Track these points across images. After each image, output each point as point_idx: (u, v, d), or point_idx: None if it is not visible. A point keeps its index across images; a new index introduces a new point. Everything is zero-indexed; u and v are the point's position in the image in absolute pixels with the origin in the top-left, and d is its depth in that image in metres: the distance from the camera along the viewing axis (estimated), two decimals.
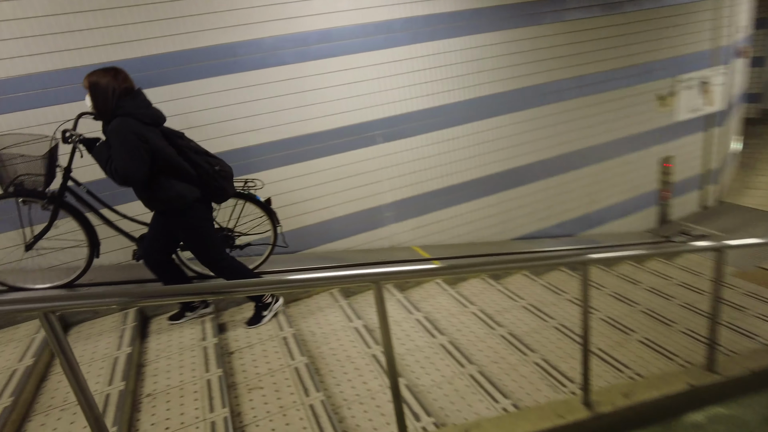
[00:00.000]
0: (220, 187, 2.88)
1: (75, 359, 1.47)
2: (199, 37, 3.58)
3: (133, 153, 2.57)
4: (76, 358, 2.58)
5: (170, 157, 2.69)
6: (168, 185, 2.73)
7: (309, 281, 1.75)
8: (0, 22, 3.13)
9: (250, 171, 3.95)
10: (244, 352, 2.93)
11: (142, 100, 2.70)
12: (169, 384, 2.57)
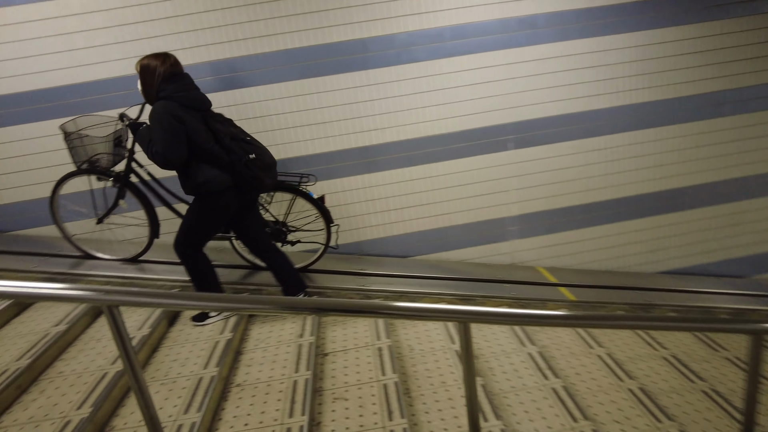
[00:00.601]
0: (254, 176, 2.75)
1: (134, 354, 1.43)
2: (330, 33, 3.56)
3: (170, 135, 2.57)
4: (185, 336, 2.68)
5: (204, 142, 2.64)
6: (198, 171, 2.69)
7: (383, 310, 1.52)
8: (126, 25, 3.44)
9: (369, 171, 3.87)
10: (338, 356, 2.82)
11: (185, 84, 2.68)
12: (259, 378, 2.55)
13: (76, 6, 3.41)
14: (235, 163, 2.71)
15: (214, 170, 2.70)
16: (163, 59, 2.66)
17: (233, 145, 2.71)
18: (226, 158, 2.70)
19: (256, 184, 2.80)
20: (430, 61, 3.70)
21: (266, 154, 2.86)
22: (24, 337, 2.68)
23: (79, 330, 2.82)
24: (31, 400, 2.27)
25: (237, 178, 2.75)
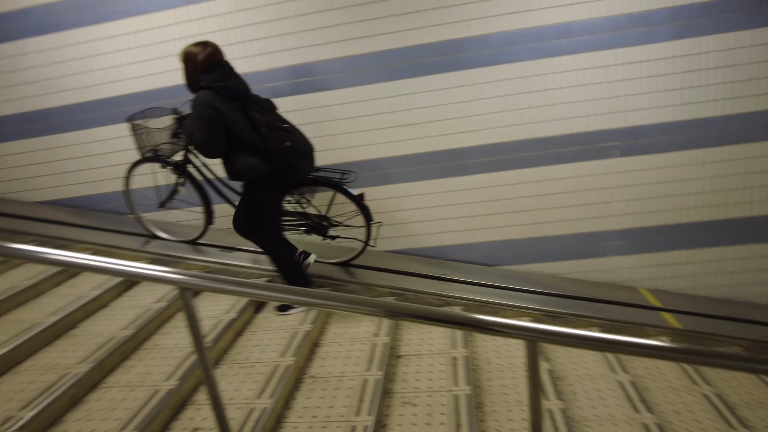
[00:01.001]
0: (288, 163, 2.74)
1: (202, 338, 1.50)
2: (424, 34, 3.54)
3: (208, 127, 2.63)
4: (268, 323, 2.80)
5: (241, 131, 2.67)
6: (237, 159, 2.73)
7: (447, 320, 1.44)
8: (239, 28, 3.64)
9: (456, 174, 3.78)
10: (411, 360, 2.78)
11: (223, 73, 2.69)
12: (331, 372, 2.59)
13: (171, 18, 3.74)
14: (270, 151, 2.72)
15: (252, 158, 2.74)
16: (203, 47, 2.71)
17: (269, 134, 2.72)
18: (262, 146, 2.72)
19: (291, 172, 2.81)
20: (528, 62, 3.53)
21: (303, 142, 2.87)
22: (132, 309, 2.97)
23: (174, 309, 3.07)
24: (131, 366, 2.51)
25: (273, 166, 2.77)
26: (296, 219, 3.50)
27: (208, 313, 2.97)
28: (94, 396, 2.29)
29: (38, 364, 2.46)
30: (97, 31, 3.90)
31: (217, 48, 2.77)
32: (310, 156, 2.92)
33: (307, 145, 2.91)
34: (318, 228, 3.49)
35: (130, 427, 2.03)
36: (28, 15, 4.01)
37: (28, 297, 3.07)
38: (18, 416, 2.03)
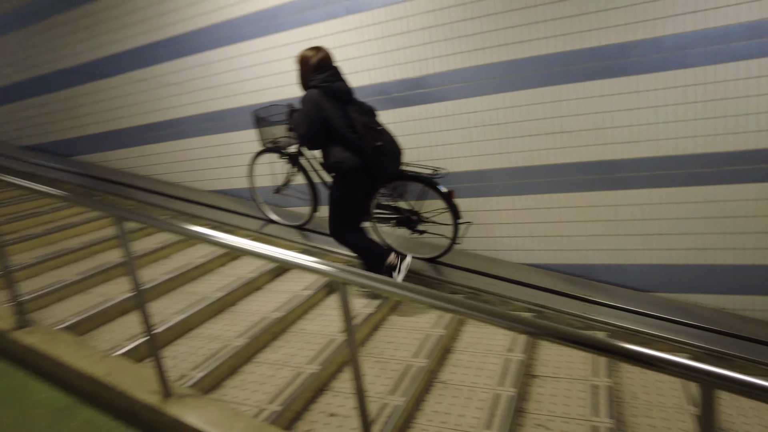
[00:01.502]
0: (378, 161, 2.99)
1: (354, 331, 1.57)
2: (583, 38, 3.32)
3: (310, 121, 2.94)
4: (402, 322, 2.86)
5: (338, 128, 2.94)
6: (331, 152, 3.00)
7: (608, 348, 1.31)
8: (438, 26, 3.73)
9: (613, 187, 3.49)
10: (547, 381, 2.64)
11: (330, 75, 2.98)
12: (463, 381, 2.56)
13: (331, 28, 3.97)
14: (363, 148, 2.96)
15: (345, 153, 2.98)
16: (316, 51, 3.04)
17: (364, 132, 2.95)
18: (356, 143, 2.97)
19: (379, 169, 3.05)
20: (707, 66, 3.12)
21: (393, 143, 3.11)
22: (282, 294, 3.25)
23: (320, 297, 3.29)
24: (279, 346, 2.74)
25: (364, 162, 3.00)
26: (388, 212, 3.68)
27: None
28: (248, 368, 2.55)
29: (206, 332, 2.82)
30: (268, 41, 4.35)
31: (328, 53, 3.09)
32: (398, 156, 3.17)
33: (396, 147, 3.16)
34: (407, 222, 3.62)
35: (276, 402, 2.22)
36: (211, 31, 4.62)
37: (200, 273, 3.53)
38: (190, 375, 2.34)
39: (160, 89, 5.10)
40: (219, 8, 4.51)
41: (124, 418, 2.07)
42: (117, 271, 3.46)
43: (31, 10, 5.84)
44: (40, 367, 2.33)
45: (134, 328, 2.75)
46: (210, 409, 1.99)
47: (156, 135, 5.32)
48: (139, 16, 5.01)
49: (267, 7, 4.27)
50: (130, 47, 5.16)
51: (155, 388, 2.06)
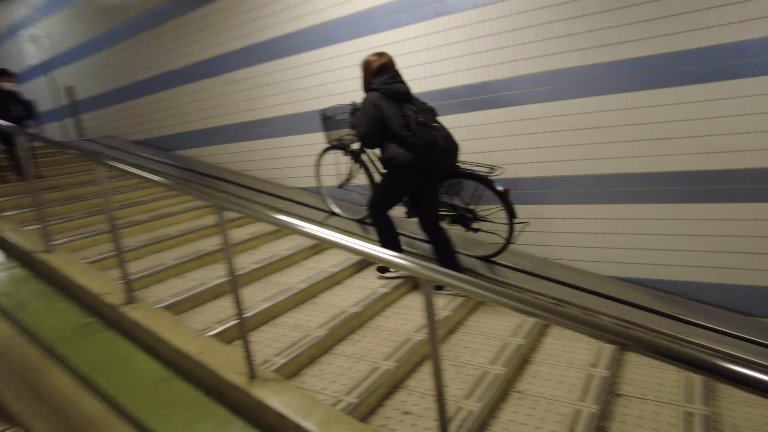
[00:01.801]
0: (430, 157, 3.09)
1: (436, 331, 1.57)
2: (689, 38, 3.08)
3: (368, 120, 3.12)
4: (479, 328, 2.83)
5: (394, 126, 3.09)
6: (387, 149, 3.17)
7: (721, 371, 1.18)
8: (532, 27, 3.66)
9: (718, 200, 3.21)
10: (632, 402, 2.48)
11: (390, 77, 3.16)
12: (541, 393, 2.47)
13: (421, 30, 3.97)
14: (416, 144, 3.08)
15: (399, 149, 3.13)
16: (378, 56, 3.24)
17: (418, 130, 3.08)
18: (410, 140, 3.09)
19: (431, 165, 3.14)
20: None
21: (447, 140, 3.16)
22: (360, 290, 3.32)
23: (397, 295, 3.32)
24: (356, 340, 2.80)
25: (417, 158, 3.10)
26: (443, 209, 3.72)
27: (422, 306, 3.14)
28: (326, 359, 2.63)
29: (288, 321, 2.94)
30: (358, 44, 4.46)
31: (390, 58, 3.26)
32: (451, 153, 3.22)
33: (450, 143, 3.19)
34: (462, 219, 3.66)
35: (352, 394, 2.26)
36: (305, 33, 4.82)
37: (285, 265, 3.69)
38: (273, 361, 2.45)
39: (255, 89, 5.40)
40: (313, 12, 4.70)
41: (213, 394, 2.21)
42: (209, 258, 3.71)
43: (145, 18, 6.43)
44: (143, 340, 2.55)
45: (223, 313, 2.94)
46: (291, 394, 2.07)
47: (249, 133, 5.63)
48: (239, 20, 5.34)
49: (359, 11, 4.39)
50: (230, 50, 5.52)
51: (242, 370, 2.18)
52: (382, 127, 3.14)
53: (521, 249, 4.00)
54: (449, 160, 3.23)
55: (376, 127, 3.14)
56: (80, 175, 5.75)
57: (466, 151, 4.01)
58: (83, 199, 4.89)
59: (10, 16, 8.90)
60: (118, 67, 7.15)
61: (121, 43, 6.95)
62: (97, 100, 7.80)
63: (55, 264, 3.12)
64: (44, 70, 8.62)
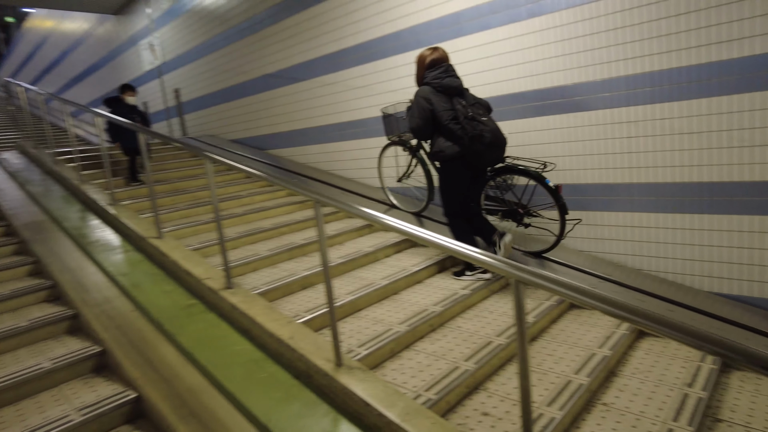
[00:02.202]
0: (476, 150, 3.21)
1: (526, 338, 1.56)
2: None
3: (419, 113, 3.27)
4: (564, 336, 2.77)
5: (443, 120, 3.22)
6: (436, 141, 3.31)
7: None
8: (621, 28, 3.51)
9: None
10: (737, 430, 2.29)
11: (442, 72, 3.27)
12: (628, 407, 2.36)
13: (513, 31, 3.89)
14: (463, 137, 3.19)
15: (447, 142, 3.26)
16: (432, 51, 3.35)
17: (465, 123, 3.18)
18: (458, 133, 3.20)
19: (476, 158, 3.26)
20: None
21: (494, 134, 3.24)
22: (441, 290, 3.35)
23: (478, 298, 3.31)
24: (436, 339, 2.84)
25: (464, 151, 3.23)
26: (495, 204, 3.74)
27: (507, 309, 3.11)
28: (407, 354, 2.69)
29: (371, 315, 3.04)
30: (447, 46, 4.48)
31: (444, 53, 3.37)
32: (497, 147, 3.30)
33: (496, 138, 3.26)
34: (513, 214, 3.63)
35: (432, 391, 2.30)
36: (395, 37, 4.92)
37: (368, 261, 3.81)
38: (356, 351, 2.56)
39: (346, 92, 5.60)
40: (403, 16, 4.80)
41: (301, 378, 2.34)
42: (299, 250, 3.92)
43: (245, 26, 6.89)
44: (239, 322, 2.76)
45: (310, 303, 3.10)
46: (375, 384, 2.15)
47: (339, 134, 5.86)
48: (331, 26, 5.57)
49: (448, 13, 4.42)
50: (323, 54, 5.77)
51: (329, 357, 2.30)
52: (432, 120, 3.27)
53: (613, 259, 3.83)
54: (495, 154, 3.34)
55: (426, 120, 3.28)
56: (183, 170, 6.29)
57: (553, 154, 3.91)
58: (186, 192, 5.34)
59: (132, 28, 9.90)
60: (219, 71, 7.72)
61: (222, 48, 7.50)
62: (199, 102, 8.47)
63: (165, 249, 3.46)
64: (157, 75, 9.50)
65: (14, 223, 4.35)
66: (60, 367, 2.57)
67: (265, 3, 6.46)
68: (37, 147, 6.87)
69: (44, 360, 2.64)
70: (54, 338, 2.96)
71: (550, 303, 3.19)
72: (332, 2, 5.51)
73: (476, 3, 4.22)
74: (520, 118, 4.11)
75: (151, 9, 9.12)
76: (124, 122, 4.24)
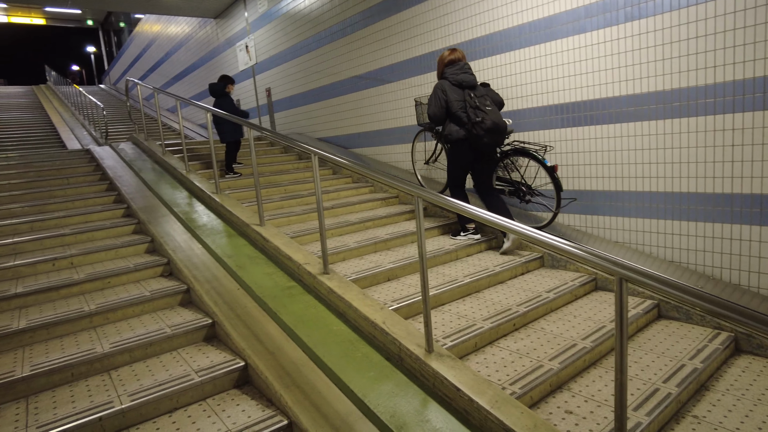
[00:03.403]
0: (476, 134, 3.85)
1: (626, 333, 1.61)
2: None
3: (436, 102, 3.98)
4: (651, 345, 2.75)
5: (454, 109, 3.93)
6: (447, 126, 4.02)
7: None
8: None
9: None
10: None
11: (458, 68, 3.97)
12: (722, 423, 2.31)
13: (609, 35, 3.82)
14: (467, 123, 3.88)
15: (454, 127, 3.97)
16: (450, 51, 4.06)
17: (471, 112, 3.86)
18: (464, 119, 3.91)
19: (477, 140, 3.87)
20: None
21: (494, 121, 3.83)
22: (524, 291, 3.40)
23: (562, 302, 3.33)
24: (519, 338, 2.90)
25: (467, 134, 3.91)
26: (504, 184, 4.42)
27: (592, 314, 3.11)
28: (490, 350, 2.78)
29: (454, 309, 3.16)
30: (538, 50, 4.50)
31: (461, 53, 4.05)
32: (497, 131, 3.87)
33: (498, 124, 3.86)
34: (518, 192, 4.31)
35: (516, 385, 2.38)
36: (486, 40, 4.99)
37: (450, 258, 3.93)
38: (442, 342, 2.69)
39: None
40: (495, 19, 4.86)
41: (392, 360, 2.51)
42: (383, 244, 4.12)
43: (338, 29, 7.22)
44: (335, 305, 2.98)
45: (396, 293, 3.27)
46: (464, 371, 2.27)
47: (424, 134, 6.00)
48: (421, 29, 5.73)
49: (542, 17, 4.43)
50: (411, 56, 5.95)
51: (420, 343, 2.44)
52: (446, 108, 3.96)
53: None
54: (494, 137, 3.88)
55: (440, 108, 3.97)
56: (275, 165, 6.71)
57: (660, 161, 3.82)
58: (278, 185, 5.72)
59: (230, 31, 10.64)
60: (310, 72, 8.13)
61: (314, 51, 7.90)
62: (289, 101, 8.95)
63: (267, 235, 3.78)
64: (251, 74, 10.14)
65: (132, 205, 4.89)
66: (178, 333, 2.92)
67: (357, 6, 6.75)
68: (147, 139, 7.61)
69: (165, 326, 3.00)
70: (170, 308, 3.34)
71: (636, 311, 3.15)
72: (424, 6, 5.66)
73: (571, 7, 4.20)
74: (613, 123, 4.05)
75: (248, 12, 9.76)
76: (238, 120, 4.61)
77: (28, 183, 5.65)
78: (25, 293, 3.30)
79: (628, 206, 4.04)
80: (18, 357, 2.72)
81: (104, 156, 6.92)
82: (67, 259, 3.84)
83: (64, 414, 2.27)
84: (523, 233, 1.88)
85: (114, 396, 2.40)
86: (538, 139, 4.61)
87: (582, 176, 4.31)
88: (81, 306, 3.17)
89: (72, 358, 2.63)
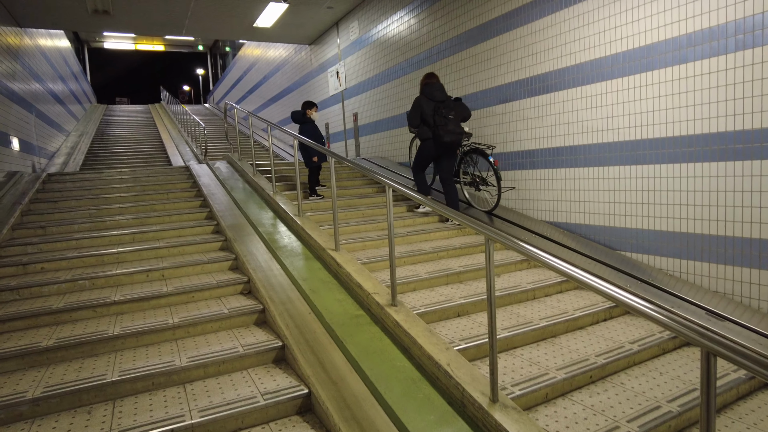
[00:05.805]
0: (437, 134, 5.14)
1: (714, 410, 1.43)
2: None
3: (413, 112, 5.28)
4: (754, 419, 2.44)
5: (426, 117, 5.19)
6: (421, 129, 5.30)
7: None
8: None
9: None
10: None
11: (432, 85, 5.26)
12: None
13: (714, 65, 3.47)
14: (433, 128, 5.17)
15: (424, 129, 5.26)
16: (428, 77, 5.38)
17: (437, 119, 5.13)
18: (431, 124, 5.18)
19: (438, 140, 5.15)
20: None
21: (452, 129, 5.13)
22: (605, 341, 3.16)
23: (647, 356, 3.04)
24: (596, 392, 2.69)
25: (433, 135, 5.20)
26: (465, 176, 5.84)
27: (682, 373, 2.81)
28: (561, 403, 2.60)
29: (526, 355, 3.00)
30: (633, 81, 4.24)
31: (436, 77, 5.40)
32: (453, 134, 5.13)
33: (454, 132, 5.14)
34: (474, 183, 5.73)
35: None
36: (577, 69, 4.79)
37: (526, 298, 3.76)
38: (509, 390, 2.55)
39: (516, 122, 5.61)
40: (587, 48, 4.66)
41: (454, 405, 2.43)
42: (455, 276, 4.03)
43: (425, 56, 7.30)
44: (400, 340, 2.95)
45: (465, 332, 3.17)
46: (530, 427, 2.13)
47: (505, 163, 5.86)
48: (509, 57, 5.63)
49: (639, 46, 4.18)
50: (497, 84, 5.86)
51: (484, 390, 2.34)
52: (420, 116, 5.22)
53: None
54: (451, 139, 5.11)
55: (415, 115, 5.25)
56: (356, 188, 6.87)
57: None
58: (357, 208, 5.84)
59: (323, 57, 11.16)
60: (395, 98, 8.28)
61: (400, 77, 8.04)
62: (374, 126, 9.16)
63: (341, 261, 3.85)
64: (340, 99, 10.54)
65: (222, 223, 5.22)
66: (250, 353, 3.03)
67: (444, 35, 6.79)
68: (241, 158, 8.13)
69: (238, 345, 3.13)
70: (245, 327, 3.49)
71: (737, 375, 2.80)
72: (510, 35, 5.57)
73: (673, 35, 3.92)
74: (719, 161, 3.69)
75: (340, 39, 10.19)
76: (321, 149, 4.80)
77: (134, 196, 6.25)
78: (121, 301, 3.62)
79: None
80: (110, 361, 2.97)
81: (201, 173, 7.48)
82: (159, 270, 4.17)
83: (143, 421, 2.44)
84: (616, 297, 1.74)
85: (186, 410, 2.53)
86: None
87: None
88: (166, 318, 3.41)
89: (154, 369, 2.82)
